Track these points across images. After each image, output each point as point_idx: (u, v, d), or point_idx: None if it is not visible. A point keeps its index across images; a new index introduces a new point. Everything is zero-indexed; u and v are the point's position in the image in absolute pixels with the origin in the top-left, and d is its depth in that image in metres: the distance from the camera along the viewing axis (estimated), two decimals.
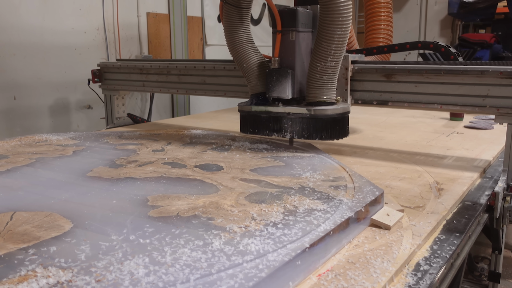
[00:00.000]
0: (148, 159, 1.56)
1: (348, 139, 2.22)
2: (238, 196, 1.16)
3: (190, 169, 1.43)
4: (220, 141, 1.87)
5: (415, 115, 3.07)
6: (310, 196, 1.16)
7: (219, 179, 1.32)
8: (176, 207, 1.08)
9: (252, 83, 1.82)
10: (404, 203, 1.31)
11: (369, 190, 1.21)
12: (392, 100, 1.69)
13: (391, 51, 2.22)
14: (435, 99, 1.61)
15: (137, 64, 2.37)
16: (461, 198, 1.39)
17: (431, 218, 1.18)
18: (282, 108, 1.73)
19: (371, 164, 1.74)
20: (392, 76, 1.67)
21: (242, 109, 1.82)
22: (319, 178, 1.33)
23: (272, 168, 1.44)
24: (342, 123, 1.74)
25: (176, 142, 1.86)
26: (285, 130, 1.74)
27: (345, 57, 1.81)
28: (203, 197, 1.16)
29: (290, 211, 1.05)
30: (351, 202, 1.11)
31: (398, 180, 1.54)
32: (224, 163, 1.50)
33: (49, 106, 2.87)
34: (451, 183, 1.50)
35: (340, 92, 1.85)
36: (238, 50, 1.81)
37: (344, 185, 1.25)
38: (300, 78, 1.79)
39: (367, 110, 3.31)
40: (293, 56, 1.76)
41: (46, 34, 2.80)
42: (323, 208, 1.07)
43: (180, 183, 1.28)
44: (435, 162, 1.77)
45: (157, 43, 3.54)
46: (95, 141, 1.88)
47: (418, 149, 2.00)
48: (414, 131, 2.48)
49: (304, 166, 1.46)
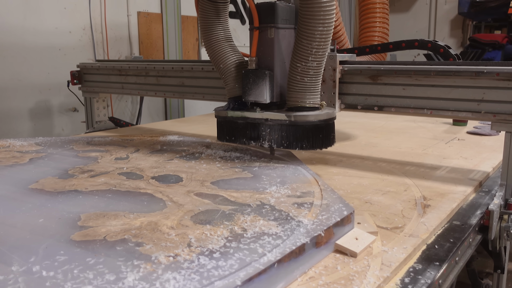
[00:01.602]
0: (105, 169, 1.43)
1: (338, 146, 2.06)
2: (185, 215, 1.02)
3: (145, 181, 1.29)
4: (192, 149, 1.72)
5: (416, 119, 2.89)
6: (266, 216, 1.00)
7: (172, 193, 1.18)
8: (107, 228, 0.94)
9: (229, 85, 1.66)
10: (381, 222, 1.15)
11: (337, 208, 1.05)
12: (378, 104, 1.53)
13: (386, 50, 2.05)
14: (424, 103, 1.44)
15: (116, 65, 2.24)
16: (448, 217, 1.22)
17: (408, 243, 1.02)
18: (259, 113, 1.57)
19: (355, 175, 1.58)
20: (378, 77, 1.51)
21: (218, 114, 1.67)
22: (284, 193, 1.18)
23: (236, 181, 1.29)
24: (326, 131, 1.56)
25: (144, 149, 1.72)
26: (263, 138, 1.57)
27: (333, 57, 1.65)
28: (144, 216, 1.01)
29: (235, 236, 0.90)
30: (311, 224, 0.96)
31: (381, 194, 1.38)
32: (185, 174, 1.36)
33: (31, 109, 2.76)
34: (440, 198, 1.33)
35: (328, 96, 1.70)
36: (214, 48, 1.65)
37: (310, 202, 1.10)
38: (280, 80, 1.63)
39: (366, 114, 3.13)
40: (272, 55, 1.60)
41: (28, 34, 2.69)
42: (275, 231, 0.91)
43: (126, 198, 1.14)
44: (426, 173, 1.60)
45: (149, 44, 3.41)
46: (59, 148, 1.75)
47: (411, 158, 1.82)
48: (412, 137, 2.30)
49: (273, 178, 1.31)
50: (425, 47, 1.98)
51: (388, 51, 2.03)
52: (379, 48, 2.03)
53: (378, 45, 2.03)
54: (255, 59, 1.58)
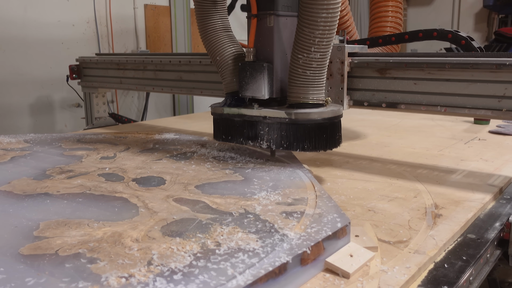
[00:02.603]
0: (86, 169, 1.32)
1: (346, 145, 1.91)
2: (156, 224, 0.90)
3: (124, 184, 1.18)
4: (185, 148, 1.61)
5: (434, 117, 2.72)
6: (247, 228, 0.88)
7: (150, 198, 1.06)
8: (63, 240, 0.83)
9: (226, 79, 1.53)
10: (383, 235, 1.01)
11: (330, 220, 0.91)
12: (386, 101, 1.38)
13: (401, 41, 1.87)
14: (438, 99, 1.29)
15: (114, 59, 2.14)
16: (462, 229, 1.07)
17: (412, 261, 0.88)
18: (257, 110, 1.43)
19: (360, 179, 1.44)
20: (387, 71, 1.36)
21: (214, 111, 1.54)
22: (274, 199, 1.05)
23: (224, 184, 1.17)
24: (330, 130, 1.39)
25: (135, 148, 1.61)
26: (261, 137, 1.42)
27: (341, 48, 1.50)
28: (109, 225, 0.90)
29: (206, 252, 0.77)
30: (297, 239, 0.82)
31: (387, 201, 1.23)
32: (170, 176, 1.24)
33: (32, 105, 2.69)
34: (454, 207, 1.18)
35: (335, 91, 1.55)
36: (210, 39, 1.50)
37: (300, 211, 0.96)
38: (281, 74, 1.49)
39: (380, 111, 2.97)
40: (272, 46, 1.45)
41: (29, 27, 2.61)
42: (253, 247, 0.79)
43: (96, 204, 1.02)
44: (440, 177, 1.45)
45: (156, 38, 3.31)
46: (47, 145, 1.66)
47: (424, 160, 1.67)
48: (428, 136, 2.14)
49: (265, 182, 1.18)
50: (445, 38, 1.80)
51: (403, 42, 1.86)
52: (393, 39, 1.86)
53: (392, 36, 1.86)
54: (253, 51, 1.44)
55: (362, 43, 1.88)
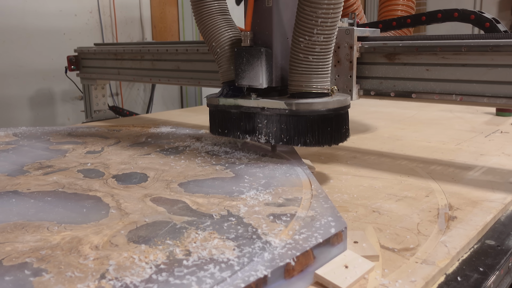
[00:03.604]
0: (67, 164, 1.22)
1: (355, 139, 1.78)
2: (123, 228, 0.79)
3: (102, 181, 1.07)
4: (179, 142, 1.50)
5: (453, 109, 2.56)
6: (226, 233, 0.76)
7: (125, 197, 0.95)
8: (14, 246, 0.72)
9: (223, 67, 1.39)
10: (387, 241, 0.88)
11: (323, 224, 0.79)
12: (395, 89, 1.25)
13: (417, 23, 1.70)
14: (453, 87, 1.15)
15: (111, 48, 2.04)
16: (480, 234, 0.93)
17: (418, 273, 0.75)
18: (254, 101, 1.30)
19: (367, 175, 1.31)
20: (395, 56, 1.23)
21: (209, 102, 1.41)
22: (263, 199, 0.93)
23: (211, 182, 1.06)
24: (336, 123, 1.24)
25: (126, 142, 1.51)
26: (259, 131, 1.29)
27: (350, 32, 1.35)
28: (71, 228, 0.79)
29: (171, 263, 0.66)
30: (281, 247, 0.71)
31: (394, 200, 1.10)
32: (155, 172, 1.13)
33: (33, 97, 2.62)
34: (471, 208, 1.05)
35: (343, 79, 1.42)
36: (206, 23, 1.36)
37: (291, 214, 0.85)
38: (281, 60, 1.35)
39: (395, 103, 2.81)
40: (270, 29, 1.30)
41: (29, 17, 2.54)
42: (228, 257, 0.67)
43: (65, 203, 0.92)
44: (456, 174, 1.31)
45: (162, 28, 3.21)
46: (35, 139, 1.57)
47: (440, 155, 1.53)
48: (445, 129, 1.99)
49: (258, 179, 1.06)
50: (467, 20, 1.64)
51: (420, 24, 1.70)
52: (408, 21, 1.70)
53: (408, 17, 1.70)
54: (250, 34, 1.31)
55: (374, 26, 1.72)
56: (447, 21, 1.65)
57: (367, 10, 5.63)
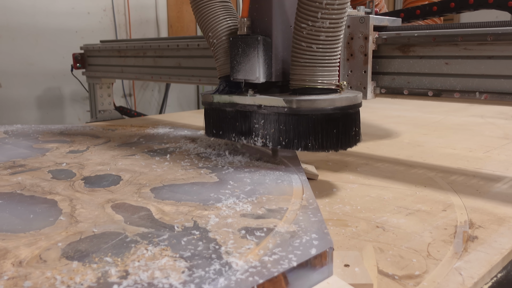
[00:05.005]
0: (41, 164, 1.12)
1: (371, 144, 1.62)
2: (64, 239, 0.67)
3: (69, 182, 0.96)
4: (171, 143, 1.37)
5: (485, 114, 2.34)
6: (181, 250, 0.63)
7: (85, 202, 0.83)
8: None
9: (220, 60, 1.23)
10: (388, 265, 0.72)
11: (304, 242, 0.65)
12: (410, 86, 1.08)
13: (445, 11, 1.50)
14: (477, 84, 0.98)
15: (114, 45, 1.95)
16: (505, 261, 0.76)
17: None
18: (250, 98, 1.15)
19: (376, 185, 1.15)
20: (410, 48, 1.07)
21: (204, 99, 1.28)
22: (241, 209, 0.79)
23: (189, 187, 0.92)
24: (344, 124, 1.06)
25: (115, 141, 1.40)
26: (255, 133, 1.13)
27: (365, 20, 1.18)
28: (5, 237, 0.67)
29: (99, 287, 0.53)
30: (242, 272, 0.56)
31: (404, 214, 0.94)
32: (130, 175, 1.01)
33: (42, 96, 2.56)
34: (497, 226, 0.87)
35: (356, 75, 1.24)
36: (202, 11, 1.21)
37: (268, 228, 0.70)
38: (283, 51, 1.19)
39: (421, 107, 2.62)
40: (270, 15, 1.12)
41: (40, 14, 2.48)
42: (171, 282, 0.54)
43: (15, 207, 0.81)
44: (482, 186, 1.13)
45: (179, 28, 3.12)
46: (23, 137, 1.48)
47: (465, 163, 1.35)
48: (474, 135, 1.80)
49: (242, 185, 0.92)
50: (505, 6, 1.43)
51: (449, 12, 1.50)
52: (435, 9, 1.51)
53: (434, 4, 1.51)
54: (247, 21, 1.15)
55: (395, 15, 1.54)
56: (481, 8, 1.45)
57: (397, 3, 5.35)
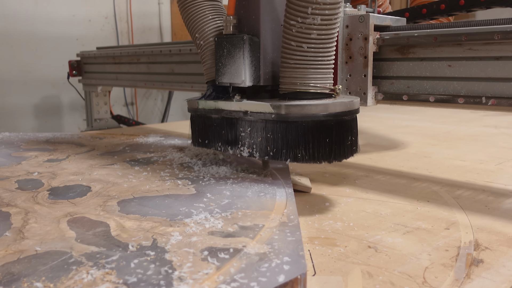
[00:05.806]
0: (11, 173, 1.05)
1: (374, 156, 1.52)
2: (1, 259, 0.58)
3: (33, 193, 0.88)
4: (157, 152, 1.29)
5: (499, 124, 2.22)
6: (128, 274, 0.54)
7: (40, 216, 0.75)
8: None
9: (207, 63, 1.13)
10: None
11: (274, 266, 0.55)
12: (409, 92, 0.99)
13: (454, 9, 1.38)
14: (483, 88, 0.88)
15: (109, 52, 1.89)
16: None
17: None
18: (236, 103, 1.05)
19: (374, 199, 1.05)
20: (410, 49, 0.97)
21: (189, 106, 1.19)
22: (211, 226, 0.70)
23: (161, 199, 0.84)
24: (338, 132, 0.96)
25: (99, 150, 1.33)
26: (242, 142, 1.03)
27: (364, 19, 1.09)
28: None
29: None
30: None
31: (402, 233, 0.84)
32: (102, 185, 0.93)
33: (40, 105, 2.51)
34: (506, 248, 0.77)
35: (356, 79, 1.14)
36: (189, 12, 1.12)
37: (236, 249, 0.61)
38: (273, 53, 1.08)
39: (432, 117, 2.50)
40: (258, 12, 1.03)
41: (40, 22, 2.45)
42: None
43: None
44: (491, 201, 1.02)
45: (183, 36, 3.06)
46: (5, 145, 1.42)
47: (475, 176, 1.24)
48: (486, 146, 1.68)
49: (220, 199, 0.84)
50: None
51: (458, 11, 1.38)
52: (443, 7, 1.40)
53: (442, 2, 1.40)
54: (233, 20, 1.06)
55: (400, 14, 1.43)
56: (494, 5, 1.34)
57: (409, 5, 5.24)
